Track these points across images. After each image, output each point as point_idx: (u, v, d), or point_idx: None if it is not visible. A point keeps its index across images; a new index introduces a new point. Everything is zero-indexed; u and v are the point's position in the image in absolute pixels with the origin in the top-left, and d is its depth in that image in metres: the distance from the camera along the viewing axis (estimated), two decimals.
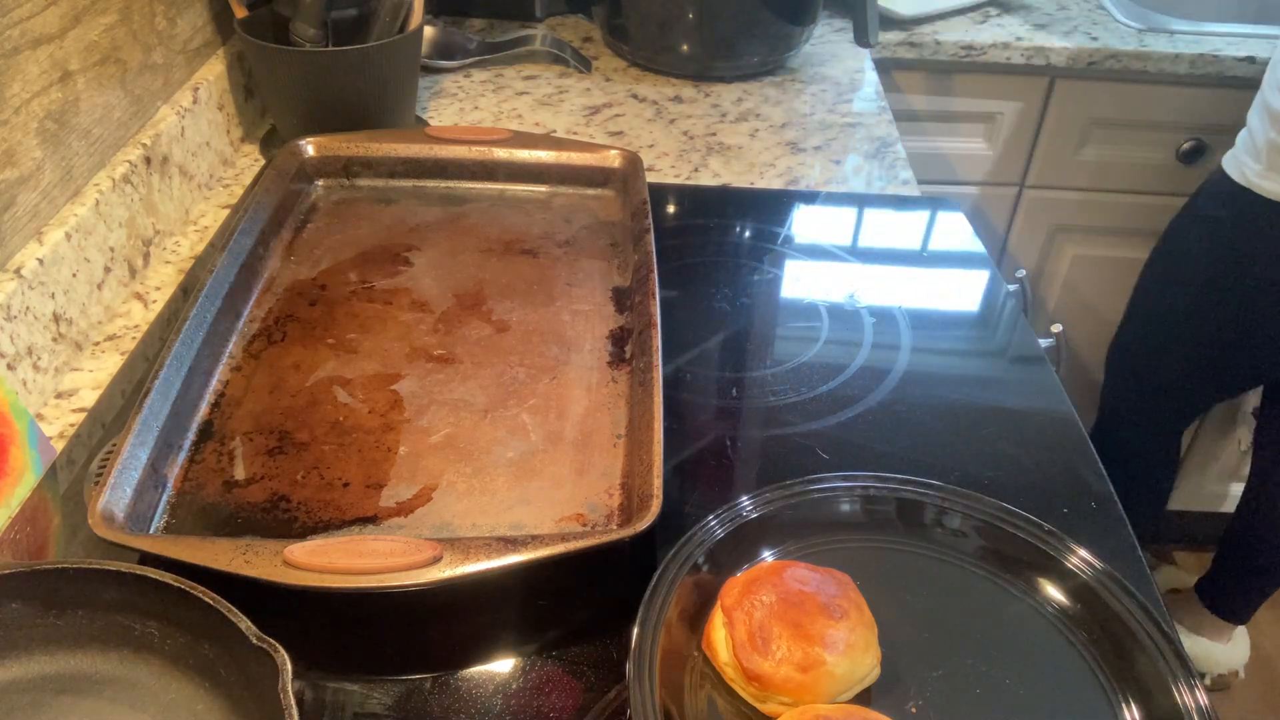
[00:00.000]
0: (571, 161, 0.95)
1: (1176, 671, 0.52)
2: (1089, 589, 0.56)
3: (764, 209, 0.99)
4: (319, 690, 0.54)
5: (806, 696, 0.50)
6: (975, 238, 0.95)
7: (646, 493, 0.58)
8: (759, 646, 0.51)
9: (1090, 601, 0.56)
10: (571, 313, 0.80)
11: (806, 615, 0.51)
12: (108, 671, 0.52)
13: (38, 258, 0.71)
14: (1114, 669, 0.54)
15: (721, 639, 0.52)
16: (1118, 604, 0.55)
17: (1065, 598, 0.57)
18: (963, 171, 1.49)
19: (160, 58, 0.92)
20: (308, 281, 0.82)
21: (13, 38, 0.70)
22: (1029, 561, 0.58)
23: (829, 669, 0.50)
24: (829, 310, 0.85)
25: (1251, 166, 1.17)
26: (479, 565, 0.53)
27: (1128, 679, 0.53)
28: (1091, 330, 1.63)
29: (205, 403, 0.70)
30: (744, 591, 0.53)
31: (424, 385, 0.72)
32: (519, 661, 0.56)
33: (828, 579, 0.54)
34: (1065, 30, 1.40)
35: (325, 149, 0.94)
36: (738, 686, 0.52)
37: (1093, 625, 0.55)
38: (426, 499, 0.63)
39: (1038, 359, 0.80)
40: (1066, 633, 0.55)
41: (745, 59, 1.24)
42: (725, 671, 0.52)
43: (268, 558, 0.53)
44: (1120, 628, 0.54)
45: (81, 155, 0.80)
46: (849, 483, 0.62)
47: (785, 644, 0.50)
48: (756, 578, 0.54)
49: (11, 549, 0.60)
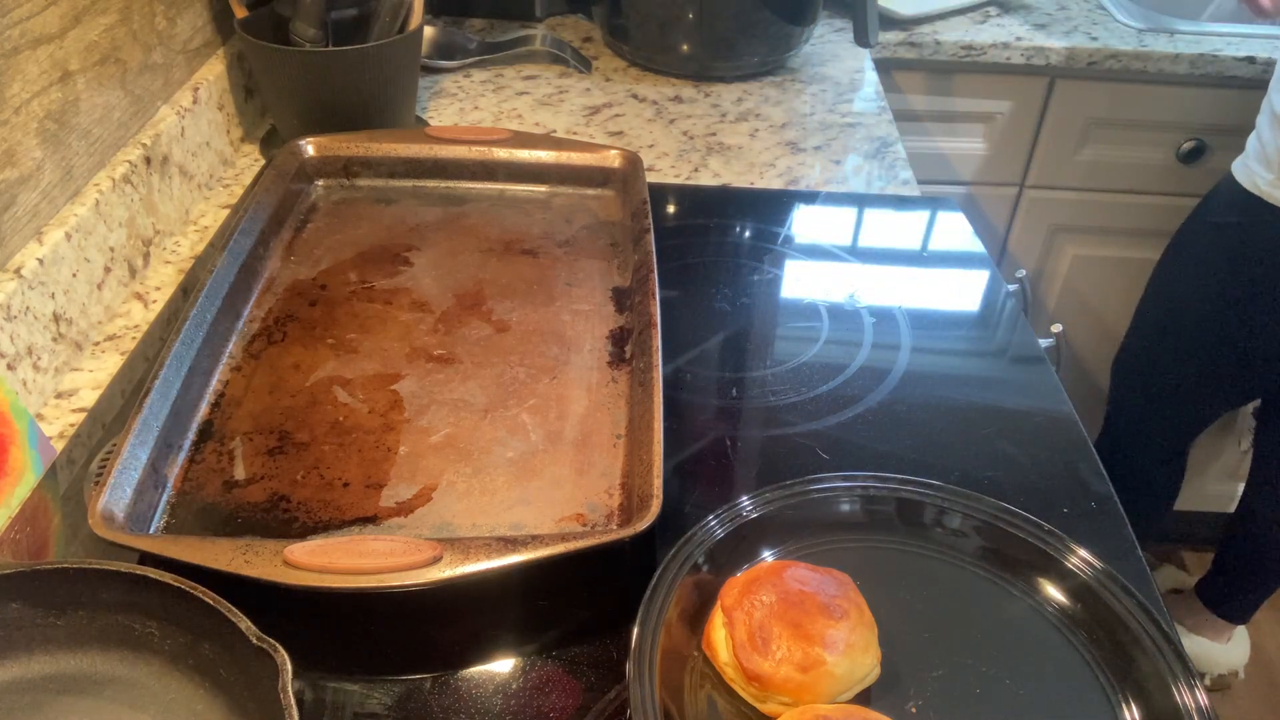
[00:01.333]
0: (571, 161, 0.95)
1: (1176, 671, 0.52)
2: (1089, 589, 0.56)
3: (764, 209, 0.99)
4: (319, 690, 0.54)
5: (806, 696, 0.50)
6: (975, 238, 0.95)
7: (646, 493, 0.58)
8: (759, 646, 0.51)
9: (1090, 601, 0.56)
10: (571, 313, 0.80)
11: (806, 615, 0.51)
12: (108, 671, 0.52)
13: (38, 258, 0.71)
14: (1114, 669, 0.54)
15: (721, 639, 0.52)
16: (1118, 604, 0.55)
17: (1065, 598, 0.57)
18: (963, 171, 1.49)
19: (160, 58, 0.92)
20: (308, 281, 0.82)
21: (13, 38, 0.70)
22: (1029, 561, 0.58)
23: (829, 669, 0.50)
24: (829, 310, 0.85)
25: (1263, 175, 1.16)
26: (479, 565, 0.53)
27: (1128, 679, 0.53)
28: (1091, 330, 1.63)
29: (205, 403, 0.70)
30: (744, 591, 0.53)
31: (424, 385, 0.72)
32: (519, 661, 0.56)
33: (828, 579, 0.54)
34: (1065, 30, 1.40)
35: (325, 149, 0.94)
36: (738, 686, 0.52)
37: (1093, 625, 0.55)
38: (426, 499, 0.63)
39: (1038, 359, 0.80)
40: (1066, 633, 0.55)
41: (745, 59, 1.24)
42: (725, 671, 0.52)
43: (268, 558, 0.53)
44: (1120, 628, 0.54)
45: (81, 155, 0.80)
46: (849, 483, 0.62)
47: (785, 644, 0.50)
48: (756, 578, 0.54)
49: (11, 549, 0.60)
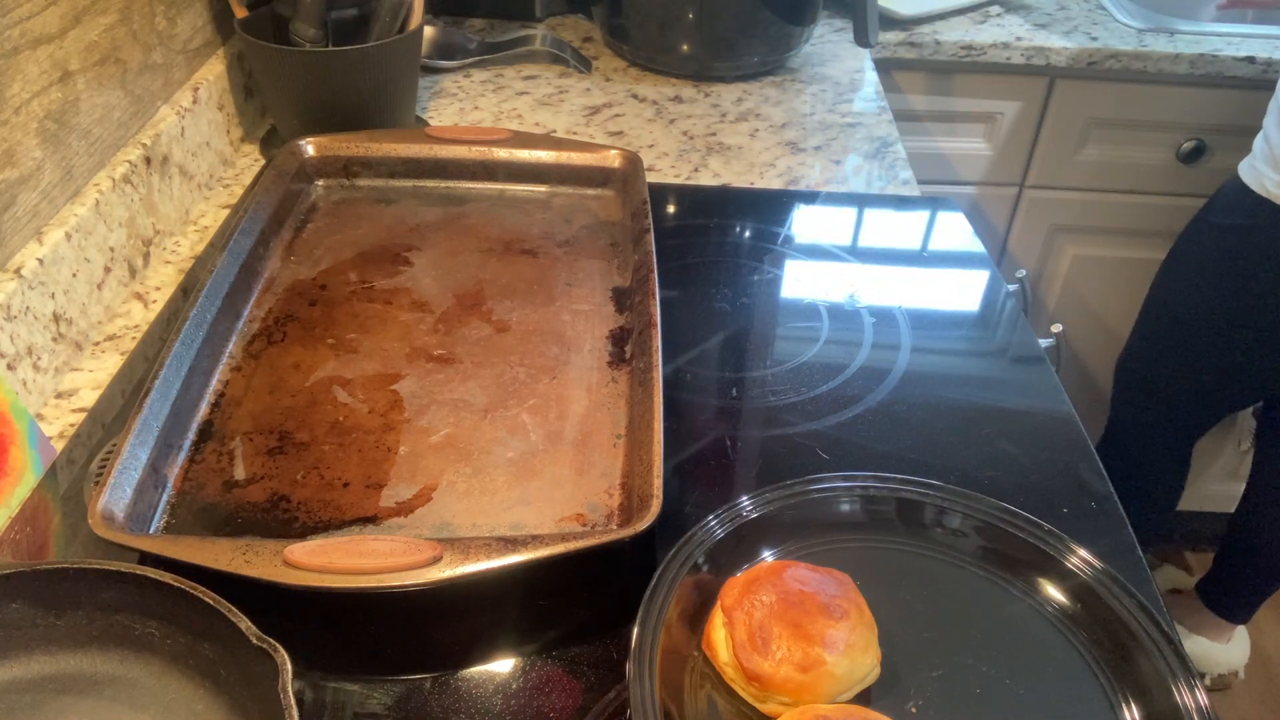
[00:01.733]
0: (571, 161, 0.95)
1: (1176, 671, 0.52)
2: (1089, 589, 0.56)
3: (764, 209, 0.99)
4: (319, 690, 0.54)
5: (806, 696, 0.50)
6: (975, 238, 0.95)
7: (646, 493, 0.58)
8: (759, 646, 0.50)
9: (1090, 601, 0.56)
10: (571, 313, 0.80)
11: (806, 615, 0.51)
12: (108, 671, 0.52)
13: (38, 258, 0.71)
14: (1114, 669, 0.54)
15: (721, 639, 0.52)
16: (1117, 604, 0.55)
17: (1065, 598, 0.57)
18: (963, 171, 1.49)
19: (160, 58, 0.92)
20: (308, 281, 0.82)
21: (13, 38, 0.70)
22: (1029, 561, 0.58)
23: (829, 669, 0.50)
24: (829, 310, 0.85)
25: (1271, 177, 1.16)
26: (479, 565, 0.53)
27: (1127, 679, 0.53)
28: (1092, 331, 1.63)
29: (205, 403, 0.70)
30: (744, 591, 0.53)
31: (424, 385, 0.72)
32: (519, 661, 0.56)
33: (828, 579, 0.53)
34: (1065, 30, 1.40)
35: (325, 149, 0.94)
36: (738, 686, 0.52)
37: (1093, 625, 0.55)
38: (426, 499, 0.63)
39: (1038, 359, 0.80)
40: (1066, 633, 0.56)
41: (745, 59, 1.24)
42: (725, 671, 0.52)
43: (268, 558, 0.53)
44: (1120, 627, 0.54)
45: (81, 155, 0.80)
46: (849, 483, 0.62)
47: (785, 644, 0.50)
48: (756, 578, 0.54)
49: (11, 549, 0.60)
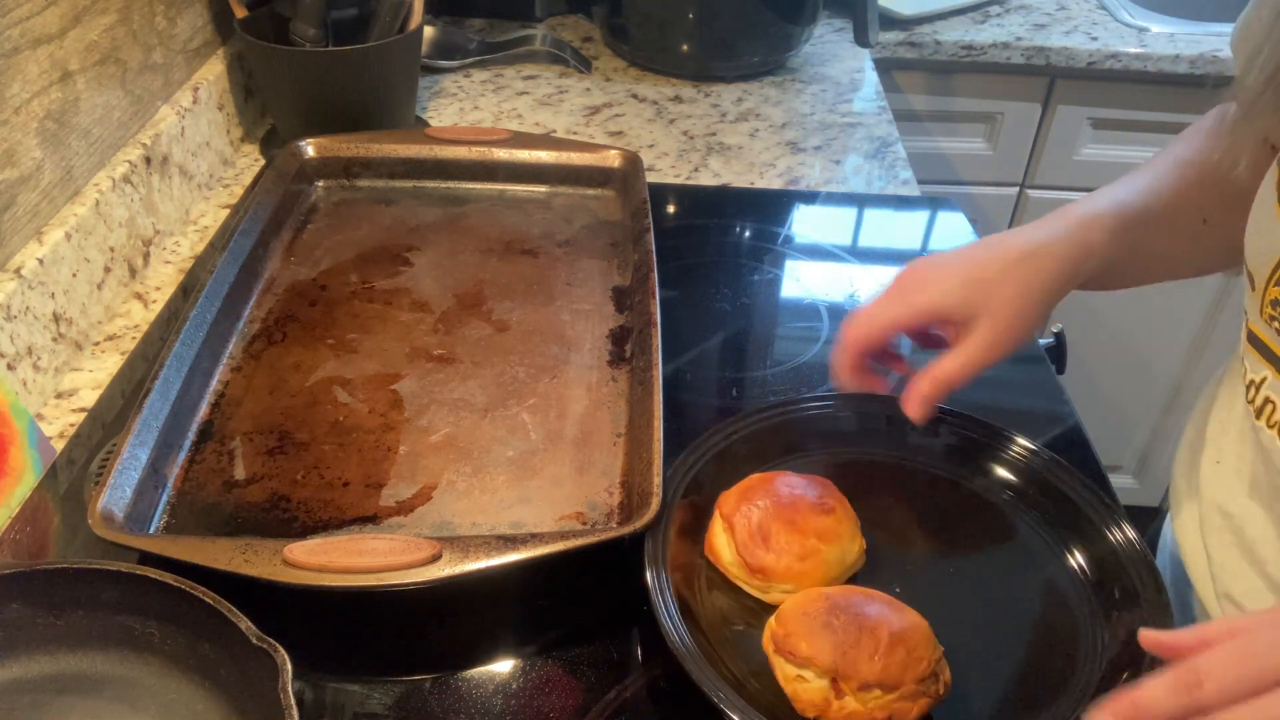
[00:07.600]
0: (571, 161, 0.95)
1: (1110, 520, 0.59)
2: (1035, 470, 0.63)
3: (764, 209, 0.99)
4: (319, 690, 0.54)
5: (806, 583, 0.56)
6: (975, 238, 0.95)
7: (646, 491, 0.58)
8: (761, 543, 0.56)
9: (1040, 481, 0.63)
10: (571, 312, 0.80)
11: (799, 513, 0.57)
12: (108, 671, 0.52)
13: (38, 258, 0.71)
14: (1061, 530, 0.61)
15: (724, 543, 0.58)
16: (1061, 481, 0.62)
17: (1016, 478, 0.64)
18: (963, 171, 1.49)
19: (160, 58, 0.92)
20: (308, 282, 0.82)
21: (13, 38, 0.70)
22: (985, 454, 0.65)
23: (824, 556, 0.56)
24: (829, 310, 0.85)
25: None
26: (479, 564, 0.53)
27: (1073, 535, 0.60)
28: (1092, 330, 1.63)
29: (205, 403, 0.70)
30: (740, 499, 0.58)
31: (424, 385, 0.72)
32: (519, 661, 0.56)
33: (812, 483, 0.59)
34: (1065, 30, 1.40)
35: (325, 150, 0.94)
36: (741, 582, 0.57)
37: (1042, 500, 0.62)
38: (426, 498, 0.63)
39: (1038, 359, 0.80)
40: (1022, 510, 0.63)
41: (745, 59, 1.24)
42: (730, 571, 0.58)
43: (267, 557, 0.53)
44: (1060, 496, 0.62)
45: (81, 155, 0.80)
46: (821, 402, 0.68)
47: (784, 538, 0.56)
48: (750, 487, 0.59)
49: (11, 549, 0.60)
